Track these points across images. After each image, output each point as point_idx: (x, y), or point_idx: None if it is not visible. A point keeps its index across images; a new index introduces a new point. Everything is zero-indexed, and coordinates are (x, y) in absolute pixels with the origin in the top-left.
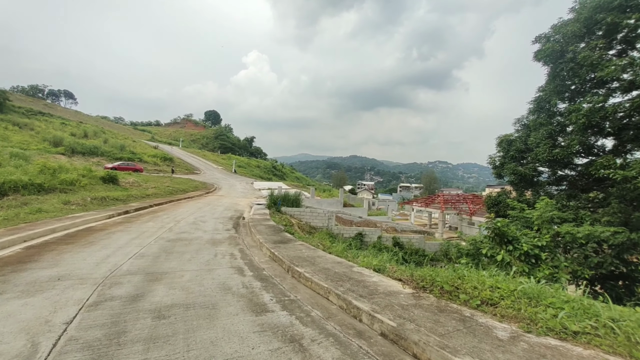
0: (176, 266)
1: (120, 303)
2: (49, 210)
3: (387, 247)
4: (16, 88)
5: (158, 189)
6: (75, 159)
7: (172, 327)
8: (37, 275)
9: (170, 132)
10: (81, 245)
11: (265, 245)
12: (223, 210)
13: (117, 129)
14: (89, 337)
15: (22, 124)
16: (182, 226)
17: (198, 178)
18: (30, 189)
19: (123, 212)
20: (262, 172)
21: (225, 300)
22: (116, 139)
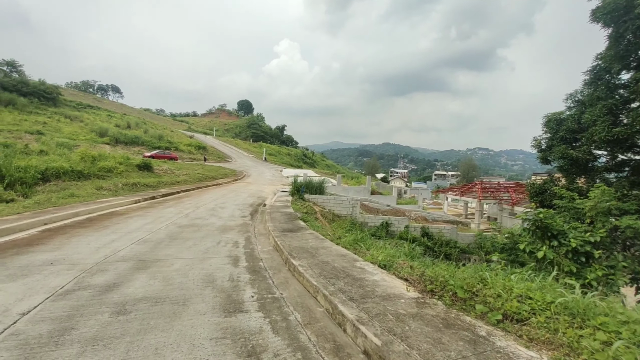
0: (172, 253)
1: (91, 293)
2: (81, 195)
3: (414, 237)
4: (70, 84)
5: (189, 176)
6: (119, 148)
7: (124, 327)
8: (33, 259)
9: (205, 122)
10: (94, 230)
11: (272, 234)
12: (246, 197)
13: (158, 120)
14: (32, 332)
15: (73, 117)
16: (200, 212)
17: (228, 166)
18: (71, 175)
19: (150, 197)
20: (293, 160)
21: (201, 295)
22: (155, 129)
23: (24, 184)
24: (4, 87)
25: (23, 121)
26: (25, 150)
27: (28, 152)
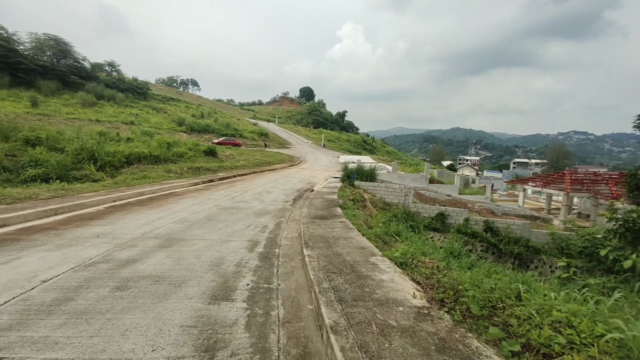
0: (200, 234)
1: (109, 267)
2: (152, 177)
3: (474, 231)
4: (159, 80)
5: (247, 161)
6: (193, 135)
7: (113, 303)
8: (86, 231)
9: (269, 110)
10: (148, 208)
11: (302, 220)
12: (296, 182)
13: (227, 110)
14: (39, 299)
15: (159, 108)
16: (246, 196)
17: (287, 152)
18: (149, 159)
19: (208, 180)
20: (352, 146)
21: (200, 278)
22: (224, 118)
23: (112, 167)
24: (107, 84)
25: (120, 113)
26: (117, 138)
27: (118, 139)
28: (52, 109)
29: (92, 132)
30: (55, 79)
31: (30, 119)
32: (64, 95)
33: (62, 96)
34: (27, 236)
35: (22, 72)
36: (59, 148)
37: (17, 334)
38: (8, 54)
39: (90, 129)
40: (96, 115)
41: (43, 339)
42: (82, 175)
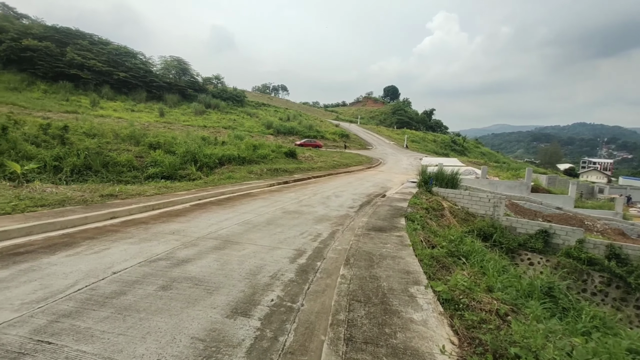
0: (254, 238)
1: (165, 264)
2: (236, 178)
3: (592, 258)
4: (255, 88)
5: (325, 163)
6: (279, 138)
7: (151, 303)
8: (166, 228)
9: (352, 111)
10: (223, 208)
11: (356, 231)
12: (369, 186)
13: (311, 112)
14: (102, 290)
15: (252, 114)
16: (313, 199)
17: (367, 153)
18: (237, 161)
19: (283, 182)
20: (438, 147)
21: (233, 287)
22: (308, 120)
23: (208, 167)
24: (213, 95)
25: (222, 119)
26: (214, 141)
27: (216, 143)
28: (174, 118)
29: (197, 137)
30: (177, 93)
31: (158, 126)
32: (182, 106)
33: (181, 106)
34: (124, 228)
35: (154, 89)
36: (172, 151)
37: (71, 321)
38: (145, 74)
39: (196, 134)
40: (204, 121)
41: (85, 330)
42: (185, 174)
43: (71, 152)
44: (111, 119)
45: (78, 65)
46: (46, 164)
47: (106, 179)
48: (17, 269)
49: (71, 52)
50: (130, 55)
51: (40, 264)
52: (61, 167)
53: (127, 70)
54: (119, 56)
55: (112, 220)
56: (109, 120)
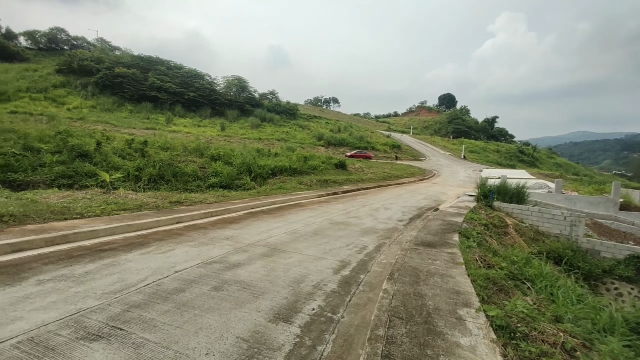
0: (300, 248)
1: (219, 267)
2: (287, 188)
3: None
4: (307, 101)
5: (375, 174)
6: (330, 149)
7: (205, 301)
8: (222, 233)
9: (405, 121)
10: (273, 217)
11: (404, 245)
12: (421, 199)
13: (362, 123)
14: (165, 286)
15: (304, 126)
16: (361, 211)
17: (419, 164)
18: (289, 172)
19: (332, 193)
20: (502, 157)
21: (276, 293)
22: (358, 131)
23: (261, 178)
24: (268, 109)
25: (275, 132)
26: (268, 153)
27: (269, 154)
28: (233, 131)
29: (252, 149)
30: (237, 108)
31: (219, 139)
32: (241, 120)
33: (239, 121)
34: (187, 232)
35: (217, 105)
36: (230, 162)
37: (139, 312)
38: (211, 93)
39: (251, 146)
40: (259, 134)
41: (149, 320)
42: (241, 184)
43: (149, 164)
44: (181, 134)
45: (157, 88)
46: (129, 173)
47: (175, 187)
48: (102, 264)
49: (152, 77)
50: (199, 77)
51: (119, 260)
52: (140, 177)
53: (195, 90)
54: (189, 78)
55: (177, 225)
56: (179, 135)
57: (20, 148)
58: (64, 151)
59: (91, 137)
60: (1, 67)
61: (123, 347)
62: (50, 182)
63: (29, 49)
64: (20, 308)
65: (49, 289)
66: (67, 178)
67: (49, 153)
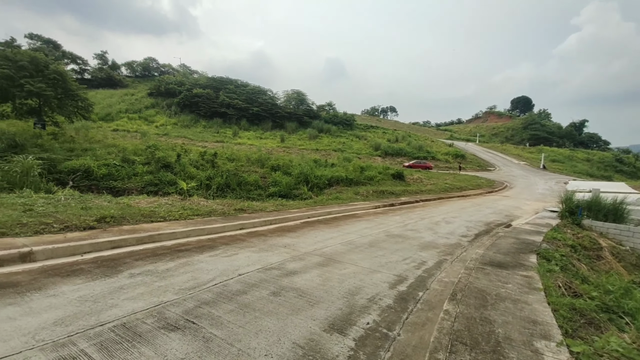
0: (355, 259)
1: (277, 273)
2: (342, 198)
3: None
4: (364, 111)
5: (436, 185)
6: (387, 159)
7: (264, 305)
8: (280, 241)
9: (470, 129)
10: (328, 227)
11: (468, 263)
12: (489, 213)
13: (421, 132)
14: (232, 287)
15: (360, 136)
16: (420, 224)
17: (487, 175)
18: (345, 182)
19: (389, 204)
20: (594, 167)
21: (331, 303)
22: (417, 140)
23: (318, 187)
24: (325, 121)
25: (332, 142)
26: (324, 163)
27: (326, 165)
28: (291, 143)
29: (309, 160)
30: (295, 120)
31: (279, 150)
32: (299, 132)
33: (298, 132)
34: (249, 238)
35: (278, 118)
36: (288, 172)
37: (209, 309)
38: (272, 107)
39: (309, 157)
40: (316, 145)
41: (217, 317)
42: (298, 194)
43: (217, 174)
44: (245, 146)
45: (226, 105)
46: (201, 182)
47: (239, 195)
48: (179, 262)
49: (222, 95)
50: (262, 93)
51: (193, 260)
52: (210, 185)
53: (259, 105)
54: (254, 94)
55: (240, 231)
56: (243, 147)
57: (119, 160)
58: (152, 162)
59: (172, 150)
60: (107, 93)
61: (195, 340)
62: (140, 189)
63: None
64: (116, 297)
65: (138, 282)
66: (154, 186)
67: (141, 164)
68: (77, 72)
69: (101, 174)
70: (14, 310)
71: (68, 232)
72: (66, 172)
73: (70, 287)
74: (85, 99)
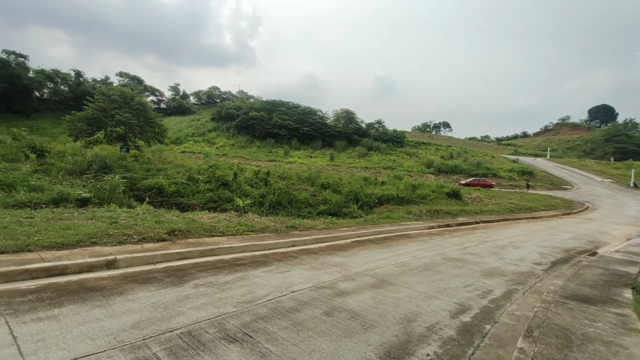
0: (410, 282)
1: (329, 292)
2: (394, 218)
3: None
4: (414, 127)
5: (498, 205)
6: (440, 177)
7: (317, 324)
8: (331, 260)
9: (538, 142)
10: (380, 247)
11: (545, 296)
12: (568, 238)
13: (480, 147)
14: (284, 304)
15: (411, 153)
16: (482, 248)
17: (563, 194)
18: (396, 200)
19: (444, 225)
20: None
21: (386, 328)
22: (475, 156)
23: (368, 206)
24: (375, 138)
25: (382, 160)
26: (374, 181)
27: (375, 183)
28: (341, 161)
29: (359, 178)
30: (345, 139)
31: (328, 169)
32: (348, 150)
33: (347, 151)
34: (300, 255)
35: (327, 137)
36: (338, 190)
37: (264, 324)
38: (321, 127)
39: (358, 175)
40: (366, 163)
41: (272, 333)
42: (348, 212)
43: (270, 191)
44: (296, 164)
45: (278, 126)
46: (255, 200)
47: (290, 212)
48: (236, 276)
49: (275, 117)
50: (312, 113)
51: (249, 274)
52: (263, 202)
53: (309, 125)
54: (304, 115)
55: (292, 248)
56: (294, 165)
57: (186, 179)
58: (213, 181)
59: (230, 169)
60: (178, 119)
61: (252, 354)
62: (202, 205)
63: (195, 104)
64: (183, 305)
65: (201, 292)
66: (213, 202)
67: (203, 182)
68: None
69: (171, 191)
70: (100, 312)
71: (145, 243)
72: (144, 189)
73: (145, 293)
74: (161, 125)
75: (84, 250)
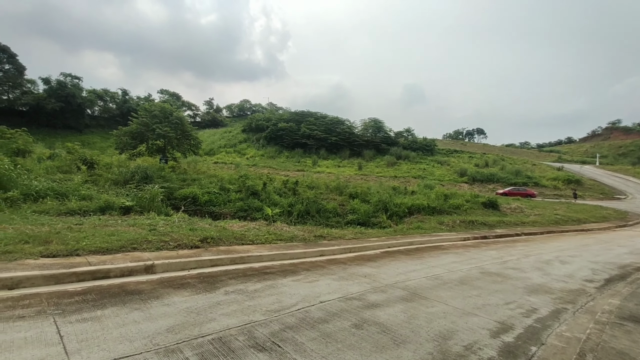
0: (444, 297)
1: (359, 304)
2: (425, 228)
3: None
4: (445, 135)
5: (541, 216)
6: (475, 186)
7: (346, 337)
8: (359, 270)
9: (585, 149)
10: (411, 258)
11: (599, 317)
12: (623, 253)
13: (519, 154)
14: (312, 314)
15: (443, 162)
16: (524, 262)
17: (616, 205)
18: (427, 210)
19: (481, 237)
20: None
21: (419, 345)
22: (514, 164)
23: (397, 216)
24: (404, 147)
25: (412, 169)
26: (404, 191)
27: (405, 192)
28: (369, 170)
29: (388, 187)
30: (373, 148)
31: (356, 178)
32: (376, 159)
33: (375, 160)
34: (328, 265)
35: (355, 147)
36: (366, 200)
37: (292, 334)
38: (349, 136)
39: (387, 184)
40: (395, 172)
41: (300, 344)
42: (377, 222)
43: (298, 201)
44: (324, 174)
45: (306, 136)
46: (284, 209)
47: (318, 222)
48: (265, 284)
49: (303, 127)
50: (340, 123)
51: (277, 283)
52: (292, 212)
53: (337, 135)
54: (332, 125)
55: (320, 257)
56: (322, 175)
57: (218, 188)
58: (243, 190)
59: (259, 179)
60: (211, 132)
61: None
62: (233, 213)
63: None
64: (214, 311)
65: (231, 300)
66: (244, 211)
67: (234, 192)
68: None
69: (204, 200)
70: (139, 315)
71: (180, 249)
72: (179, 198)
73: (180, 298)
74: (196, 138)
75: (125, 255)
